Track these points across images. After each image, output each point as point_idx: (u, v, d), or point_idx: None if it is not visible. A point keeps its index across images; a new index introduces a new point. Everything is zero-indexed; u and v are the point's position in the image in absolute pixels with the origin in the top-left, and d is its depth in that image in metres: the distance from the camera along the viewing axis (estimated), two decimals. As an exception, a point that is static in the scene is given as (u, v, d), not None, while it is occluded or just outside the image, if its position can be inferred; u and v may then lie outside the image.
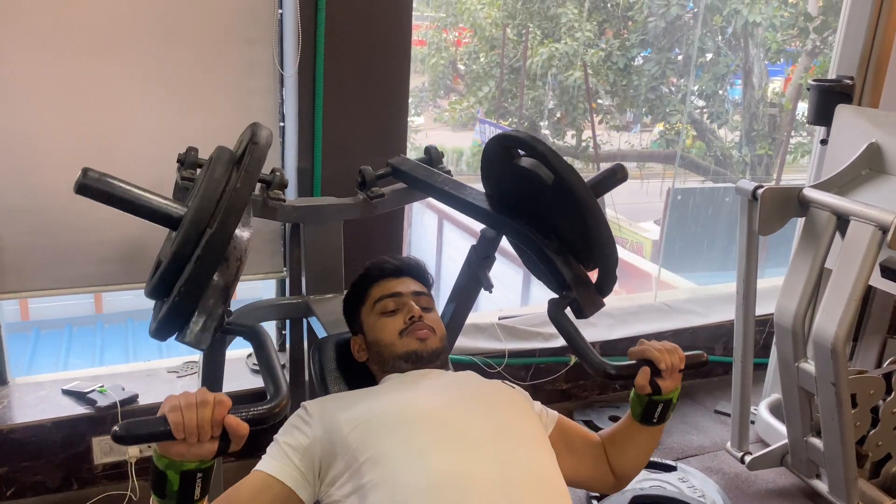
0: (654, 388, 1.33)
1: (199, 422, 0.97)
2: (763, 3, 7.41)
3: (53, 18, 1.94)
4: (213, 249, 1.14)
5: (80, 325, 6.45)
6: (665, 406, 1.37)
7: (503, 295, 6.20)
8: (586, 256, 1.42)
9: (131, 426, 0.97)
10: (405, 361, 1.37)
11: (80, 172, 1.23)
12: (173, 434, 0.97)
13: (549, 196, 1.39)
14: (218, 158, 1.26)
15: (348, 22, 2.16)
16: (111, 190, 1.25)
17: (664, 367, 1.31)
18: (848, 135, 2.19)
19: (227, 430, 1.00)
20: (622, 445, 1.44)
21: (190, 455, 0.99)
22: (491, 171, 1.55)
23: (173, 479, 1.00)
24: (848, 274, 1.82)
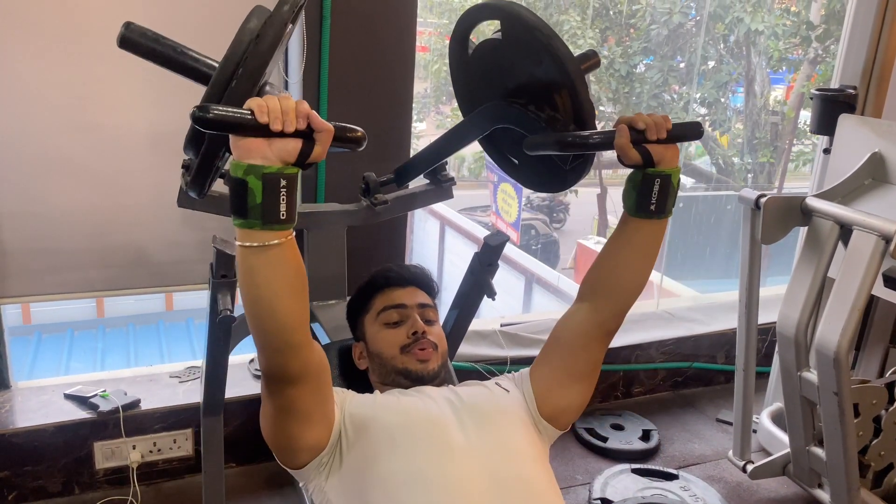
0: (645, 156, 1.15)
1: (285, 107, 0.92)
2: (765, 11, 7.43)
3: (57, 23, 1.95)
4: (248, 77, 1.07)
5: (82, 329, 6.46)
6: (663, 185, 1.17)
7: (505, 302, 6.20)
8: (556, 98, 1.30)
9: (212, 106, 0.91)
10: (405, 378, 1.37)
11: (123, 26, 1.23)
12: (256, 118, 0.91)
13: (506, 53, 1.32)
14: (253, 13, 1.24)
15: (353, 28, 2.17)
16: (151, 43, 1.24)
17: (643, 126, 1.13)
18: (851, 144, 2.20)
19: (311, 131, 0.94)
20: (613, 255, 1.25)
21: (272, 151, 0.92)
22: (458, 75, 1.51)
23: (255, 187, 0.91)
24: (851, 283, 1.82)
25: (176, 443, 2.27)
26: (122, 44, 1.22)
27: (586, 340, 1.30)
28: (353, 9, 2.14)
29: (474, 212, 8.85)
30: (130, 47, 1.23)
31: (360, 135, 1.03)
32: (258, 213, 0.93)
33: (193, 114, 0.91)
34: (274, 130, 0.92)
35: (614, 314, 1.28)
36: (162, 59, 1.25)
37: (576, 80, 1.23)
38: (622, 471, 2.47)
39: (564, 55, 1.22)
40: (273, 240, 0.95)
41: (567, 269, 8.36)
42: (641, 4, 7.59)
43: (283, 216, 0.94)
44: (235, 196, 0.93)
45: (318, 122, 0.95)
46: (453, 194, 1.93)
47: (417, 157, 1.85)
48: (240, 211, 0.93)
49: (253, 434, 2.33)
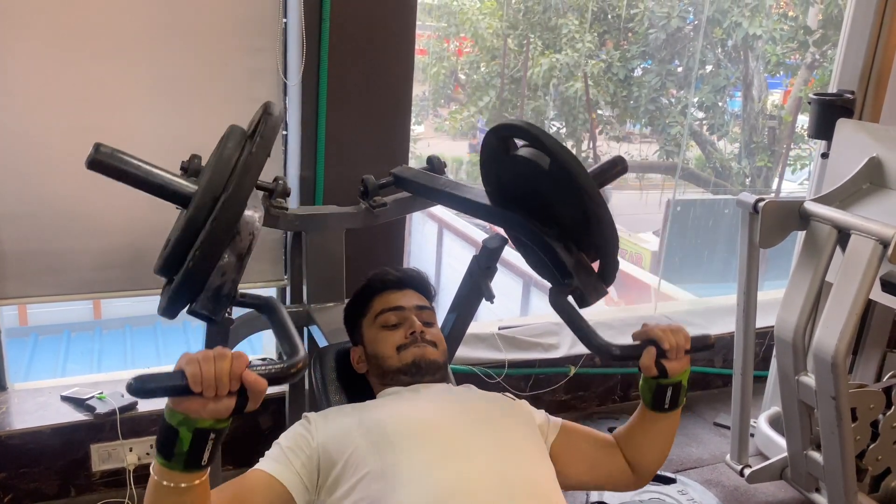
0: (661, 371, 1.29)
1: (218, 374, 0.94)
2: (763, 16, 7.45)
3: (57, 25, 1.95)
4: (227, 211, 1.12)
5: (79, 330, 6.44)
6: (675, 389, 1.33)
7: (503, 305, 6.19)
8: (587, 243, 1.39)
9: (146, 378, 0.93)
10: (405, 374, 1.37)
11: (93, 148, 1.22)
12: (190, 387, 0.93)
13: (547, 183, 1.37)
14: (230, 134, 1.25)
15: (352, 31, 2.17)
16: (122, 166, 1.23)
17: (668, 347, 1.28)
18: (849, 149, 2.20)
19: (245, 387, 0.97)
20: (638, 438, 1.41)
21: (206, 412, 0.95)
22: (489, 165, 1.53)
23: (185, 438, 0.96)
24: (848, 288, 1.82)
25: (173, 445, 2.27)
26: (92, 166, 1.22)
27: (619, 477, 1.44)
28: (352, 12, 2.15)
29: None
30: (100, 169, 1.22)
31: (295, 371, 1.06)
32: (182, 460, 0.98)
33: (130, 386, 0.94)
34: (207, 397, 0.95)
35: (643, 476, 1.45)
36: (133, 181, 1.25)
37: (612, 250, 1.34)
38: (620, 474, 2.46)
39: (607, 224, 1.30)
40: (190, 482, 1.00)
41: (565, 273, 8.34)
42: (640, 8, 7.60)
43: (204, 462, 0.99)
44: (164, 438, 0.97)
45: (251, 382, 0.97)
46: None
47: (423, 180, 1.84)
48: (164, 453, 0.98)
49: (249, 436, 2.34)
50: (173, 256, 1.20)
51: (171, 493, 0.99)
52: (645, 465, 1.42)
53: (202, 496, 1.03)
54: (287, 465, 1.19)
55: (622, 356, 1.33)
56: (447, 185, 1.74)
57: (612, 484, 1.45)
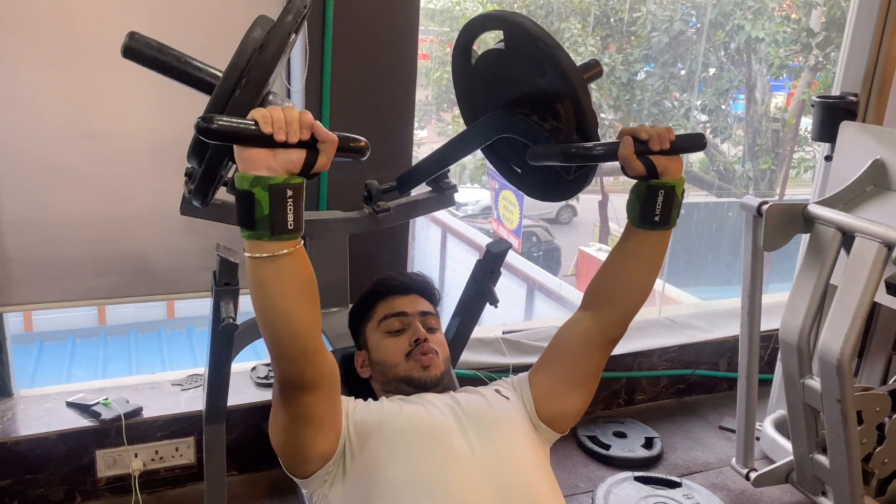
0: (649, 168, 1.15)
1: (288, 118, 0.92)
2: (766, 19, 7.46)
3: (61, 33, 1.95)
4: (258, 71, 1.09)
5: (84, 336, 6.46)
6: (667, 197, 1.17)
7: (507, 309, 6.20)
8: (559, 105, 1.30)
9: (216, 117, 0.91)
10: (407, 385, 1.37)
11: (127, 36, 1.23)
12: (261, 128, 0.91)
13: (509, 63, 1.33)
14: (257, 22, 1.24)
15: (355, 36, 2.18)
16: (155, 53, 1.25)
17: (646, 137, 1.14)
18: (852, 151, 2.20)
19: (315, 139, 0.95)
20: (618, 266, 1.26)
21: (277, 162, 0.92)
22: (461, 85, 1.51)
23: (262, 199, 0.91)
24: (853, 290, 1.82)
25: (178, 451, 2.27)
26: (126, 54, 1.24)
27: (588, 348, 1.31)
28: (355, 17, 2.15)
29: (476, 218, 8.86)
30: (134, 57, 1.25)
31: (363, 144, 1.03)
32: (266, 225, 0.93)
33: (198, 124, 0.91)
34: (278, 141, 0.92)
35: (617, 323, 1.29)
36: (166, 69, 1.26)
37: (579, 90, 1.24)
38: (625, 479, 2.46)
39: (567, 65, 1.23)
40: (282, 250, 0.96)
41: (569, 276, 8.36)
42: (642, 12, 7.61)
43: (290, 226, 0.95)
44: (242, 208, 0.93)
45: (322, 133, 0.95)
46: (455, 201, 1.94)
47: (420, 165, 1.86)
48: (247, 223, 0.94)
49: (255, 441, 2.34)
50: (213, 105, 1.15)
51: (268, 265, 0.96)
52: (621, 300, 1.27)
53: (302, 265, 0.99)
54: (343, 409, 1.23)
55: (603, 153, 1.17)
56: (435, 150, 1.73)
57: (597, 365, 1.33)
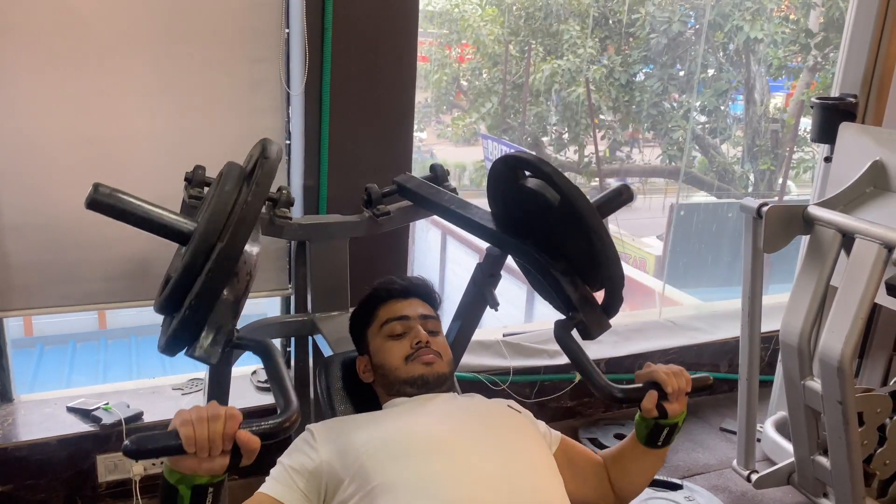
0: (661, 412, 1.31)
1: (211, 436, 0.97)
2: (764, 19, 7.46)
3: (62, 36, 1.96)
4: (223, 263, 1.14)
5: (84, 341, 6.45)
6: (671, 430, 1.36)
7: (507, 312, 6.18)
8: (592, 277, 1.42)
9: (142, 440, 0.97)
10: (411, 386, 1.37)
11: (92, 188, 1.24)
12: (185, 448, 0.96)
13: (554, 217, 1.39)
14: (228, 174, 1.27)
15: (354, 40, 2.18)
16: (122, 205, 1.26)
17: (671, 391, 1.30)
18: (852, 152, 2.20)
19: (238, 445, 1.00)
20: (625, 466, 1.42)
21: (201, 470, 0.98)
22: (497, 191, 1.55)
23: (184, 494, 0.99)
24: (853, 291, 1.82)
25: (179, 455, 2.27)
26: (92, 206, 1.24)
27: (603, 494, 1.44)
28: (354, 20, 2.15)
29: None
30: (100, 209, 1.25)
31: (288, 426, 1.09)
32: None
33: (125, 448, 0.97)
34: (202, 458, 0.98)
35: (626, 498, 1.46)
36: (133, 221, 1.27)
37: (618, 286, 1.36)
38: (626, 481, 2.46)
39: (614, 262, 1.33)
40: None
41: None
42: (641, 13, 7.61)
43: None
44: (164, 496, 1.02)
45: (244, 441, 1.00)
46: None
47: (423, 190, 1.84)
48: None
49: (256, 446, 2.34)
50: (171, 298, 1.22)
51: None
52: (627, 489, 1.44)
53: None
54: (291, 486, 1.20)
55: (625, 399, 1.35)
56: (452, 202, 1.74)
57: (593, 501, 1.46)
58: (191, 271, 1.17)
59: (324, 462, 1.21)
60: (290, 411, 1.11)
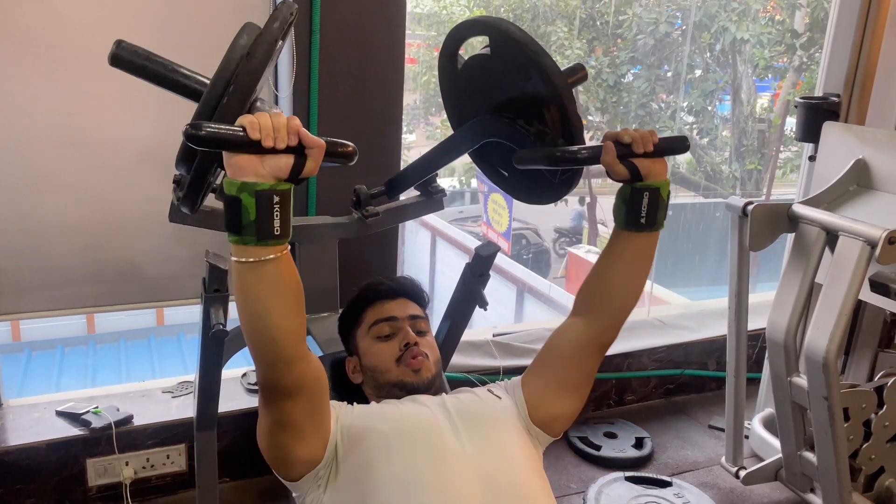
0: (633, 173, 1.17)
1: (276, 124, 0.93)
2: (750, 20, 7.51)
3: (49, 41, 1.95)
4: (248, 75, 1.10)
5: (73, 345, 6.42)
6: (653, 199, 1.18)
7: (497, 312, 6.21)
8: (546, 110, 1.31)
9: (204, 124, 0.91)
10: (399, 389, 1.37)
11: (114, 44, 1.24)
12: (248, 134, 0.92)
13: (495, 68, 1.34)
14: (244, 29, 1.23)
15: (342, 42, 2.18)
16: (141, 60, 1.26)
17: (629, 140, 1.15)
18: (835, 151, 2.22)
19: (303, 145, 0.95)
20: (607, 270, 1.27)
21: (264, 167, 0.93)
22: (447, 89, 1.53)
23: (249, 204, 0.93)
24: (838, 289, 1.84)
25: (169, 458, 2.26)
26: (114, 62, 1.24)
27: (581, 353, 1.33)
28: (342, 22, 2.16)
29: (465, 222, 8.87)
30: (122, 65, 1.25)
31: (350, 149, 1.04)
32: (252, 230, 0.94)
33: (186, 131, 0.92)
34: (266, 147, 0.93)
35: (609, 327, 1.31)
36: (153, 77, 1.27)
37: (564, 94, 1.25)
38: (616, 479, 2.47)
39: (552, 70, 1.24)
40: (268, 255, 0.97)
41: (558, 279, 8.39)
42: (628, 15, 7.65)
43: (277, 232, 0.95)
44: (230, 213, 0.94)
45: (309, 139, 0.96)
46: (444, 205, 1.94)
47: (408, 169, 1.87)
48: (234, 228, 0.95)
49: (247, 448, 2.33)
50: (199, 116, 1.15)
51: (253, 270, 0.97)
52: (613, 303, 1.28)
53: (287, 271, 1.00)
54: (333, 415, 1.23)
55: (587, 157, 1.19)
56: (422, 155, 1.75)
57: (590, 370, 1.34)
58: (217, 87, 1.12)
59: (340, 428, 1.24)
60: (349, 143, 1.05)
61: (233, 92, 1.09)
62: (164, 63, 1.28)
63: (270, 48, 1.14)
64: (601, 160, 1.17)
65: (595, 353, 1.33)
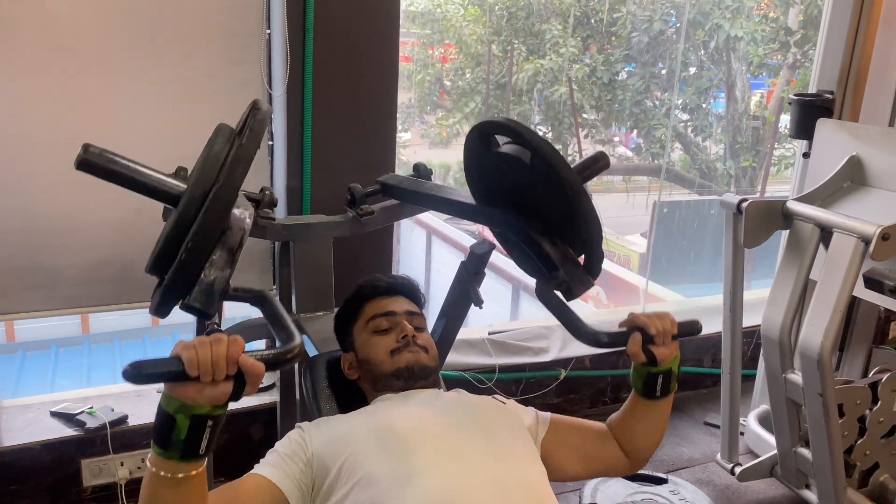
0: (650, 358, 1.30)
1: (214, 358, 0.93)
2: (744, 17, 7.52)
3: (43, 40, 1.94)
4: (220, 201, 1.11)
5: (67, 345, 6.39)
6: (666, 377, 1.34)
7: (493, 310, 6.20)
8: (572, 236, 1.39)
9: (142, 364, 0.92)
10: (397, 379, 1.38)
11: (81, 148, 1.22)
12: (187, 372, 0.92)
13: (529, 178, 1.37)
14: (219, 132, 1.25)
15: (336, 40, 2.18)
16: (111, 166, 1.24)
17: (654, 332, 1.28)
18: (829, 148, 2.23)
19: (241, 372, 0.96)
20: (631, 425, 1.41)
21: (203, 397, 0.94)
22: (472, 164, 1.54)
23: (182, 425, 0.95)
24: (832, 285, 1.84)
25: (164, 458, 2.26)
26: (81, 166, 1.22)
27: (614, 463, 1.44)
28: (335, 21, 2.16)
29: (460, 220, 8.86)
30: (89, 170, 1.23)
31: (293, 355, 1.06)
32: (179, 448, 0.96)
33: (125, 372, 0.93)
34: (204, 383, 0.94)
35: (638, 461, 1.45)
36: (124, 182, 1.25)
37: (597, 241, 1.33)
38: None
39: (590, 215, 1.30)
40: (188, 471, 0.99)
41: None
42: (622, 12, 7.65)
43: (202, 451, 0.98)
44: (161, 428, 0.96)
45: (248, 366, 0.97)
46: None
47: (409, 183, 1.85)
48: (162, 442, 0.97)
49: (241, 448, 2.33)
50: (164, 253, 1.18)
51: (169, 484, 0.98)
52: (639, 450, 1.43)
53: (199, 488, 1.02)
54: (285, 472, 1.19)
55: (610, 343, 1.32)
56: (432, 188, 1.76)
57: (607, 472, 1.47)
58: (185, 218, 1.13)
59: (314, 455, 1.22)
60: (294, 343, 1.07)
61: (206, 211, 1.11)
62: (134, 167, 1.26)
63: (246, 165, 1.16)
64: (627, 349, 1.29)
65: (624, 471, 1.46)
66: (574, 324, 1.38)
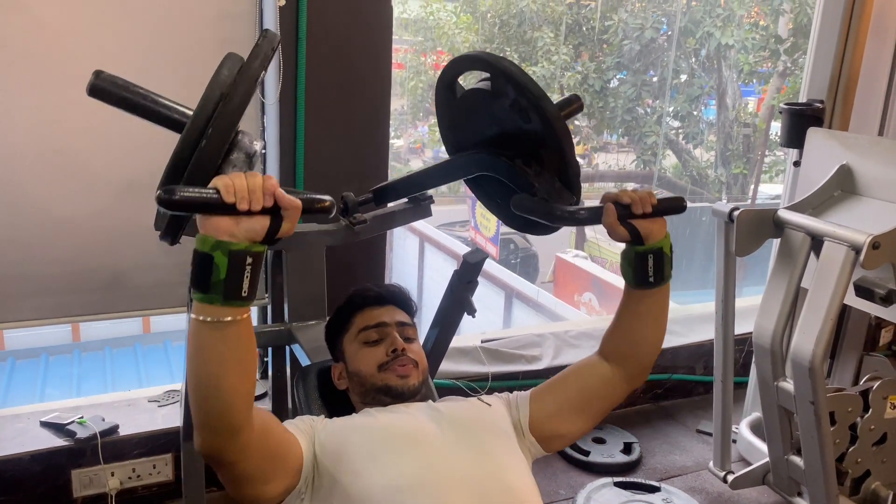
0: (634, 234, 1.20)
1: (251, 186, 0.91)
2: (735, 26, 7.58)
3: (33, 49, 1.94)
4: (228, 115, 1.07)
5: (57, 354, 6.35)
6: (657, 258, 1.22)
7: (485, 318, 6.21)
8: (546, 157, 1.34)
9: (175, 189, 0.88)
10: (385, 395, 1.37)
11: (93, 74, 1.21)
12: (223, 197, 0.90)
13: (494, 105, 1.35)
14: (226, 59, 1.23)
15: (329, 48, 2.18)
16: (123, 92, 1.23)
17: (628, 201, 1.18)
18: (820, 157, 2.24)
19: (279, 206, 0.94)
20: (626, 325, 1.31)
21: (240, 230, 0.92)
22: (444, 119, 1.53)
23: (220, 263, 0.91)
24: (823, 293, 1.85)
25: (156, 468, 2.24)
26: (92, 93, 1.21)
27: (610, 389, 1.35)
28: (328, 29, 2.16)
29: (453, 227, 8.87)
30: (101, 96, 1.22)
31: (328, 204, 1.03)
32: (220, 290, 0.92)
33: (159, 197, 0.90)
34: (241, 210, 0.92)
35: (638, 373, 1.35)
36: (133, 108, 1.24)
37: (563, 139, 1.27)
38: (604, 484, 2.47)
39: (553, 115, 1.26)
40: (231, 316, 0.95)
41: (546, 283, 8.40)
42: (614, 21, 7.70)
43: (244, 293, 0.94)
44: (199, 270, 0.92)
45: (285, 200, 0.95)
46: (432, 212, 1.94)
47: (398, 183, 1.86)
48: (201, 285, 0.93)
49: (234, 457, 2.32)
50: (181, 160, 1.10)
51: (214, 329, 0.94)
52: (639, 357, 1.33)
53: (247, 337, 0.99)
54: (303, 437, 1.21)
55: (589, 216, 1.23)
56: (413, 173, 1.78)
57: (609, 403, 1.36)
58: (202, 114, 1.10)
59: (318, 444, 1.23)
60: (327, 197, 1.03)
61: (211, 134, 1.07)
62: (143, 94, 1.24)
63: (251, 87, 1.13)
64: (602, 221, 1.20)
65: (623, 391, 1.36)
66: (552, 211, 1.28)
